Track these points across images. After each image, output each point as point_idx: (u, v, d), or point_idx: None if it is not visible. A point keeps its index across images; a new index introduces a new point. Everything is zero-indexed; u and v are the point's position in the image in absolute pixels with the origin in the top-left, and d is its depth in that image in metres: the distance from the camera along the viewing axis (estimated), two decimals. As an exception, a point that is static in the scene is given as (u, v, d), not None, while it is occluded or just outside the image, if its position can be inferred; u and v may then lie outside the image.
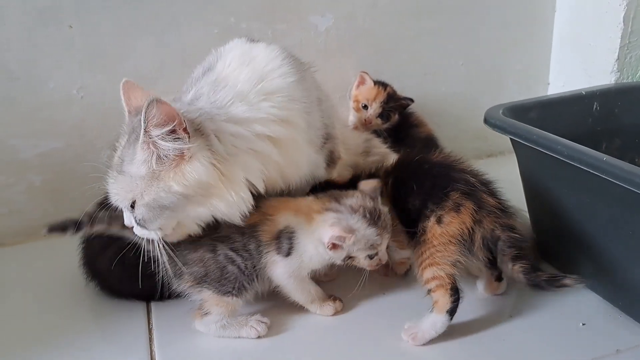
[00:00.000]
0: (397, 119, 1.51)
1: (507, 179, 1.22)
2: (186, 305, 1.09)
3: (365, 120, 1.48)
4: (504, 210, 0.99)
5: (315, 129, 1.06)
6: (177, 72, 1.36)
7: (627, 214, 0.93)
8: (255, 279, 1.01)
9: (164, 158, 0.88)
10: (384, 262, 1.02)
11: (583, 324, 1.00)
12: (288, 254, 0.99)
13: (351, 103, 1.52)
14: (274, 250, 0.99)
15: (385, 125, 1.50)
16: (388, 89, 1.50)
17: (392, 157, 1.34)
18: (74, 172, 1.39)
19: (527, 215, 1.20)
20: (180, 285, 1.02)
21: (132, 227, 0.96)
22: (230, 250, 0.99)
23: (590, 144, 1.02)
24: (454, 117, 1.69)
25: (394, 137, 1.48)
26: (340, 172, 1.21)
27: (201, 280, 1.00)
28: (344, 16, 1.51)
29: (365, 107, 1.48)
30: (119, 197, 0.93)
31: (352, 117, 1.53)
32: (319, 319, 1.06)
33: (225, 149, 0.92)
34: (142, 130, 0.86)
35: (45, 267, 1.28)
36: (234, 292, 1.00)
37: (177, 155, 0.88)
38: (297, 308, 1.07)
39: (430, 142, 1.54)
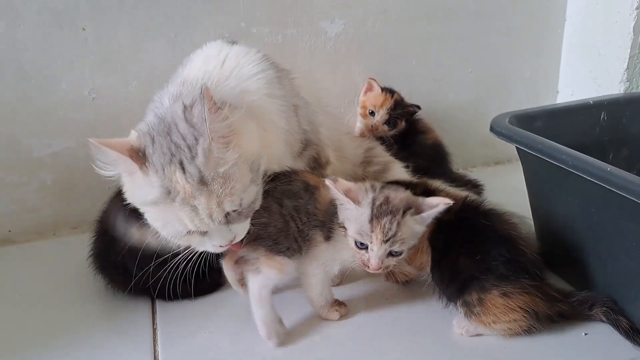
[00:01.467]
0: (404, 126, 1.52)
1: (514, 186, 1.24)
2: (191, 306, 1.12)
3: (372, 126, 1.49)
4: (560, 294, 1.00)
5: (293, 132, 1.06)
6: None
7: (631, 225, 0.93)
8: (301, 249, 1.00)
9: (228, 139, 0.86)
10: (369, 268, 0.94)
11: (585, 334, 0.99)
12: (328, 238, 0.98)
13: (358, 109, 1.53)
14: (319, 227, 0.98)
15: (392, 132, 1.50)
16: (395, 95, 1.50)
17: (395, 166, 1.35)
18: (85, 172, 1.40)
19: (532, 223, 1.20)
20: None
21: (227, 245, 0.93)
22: (293, 209, 0.98)
23: (598, 153, 1.02)
24: (462, 124, 1.69)
25: (400, 143, 1.49)
26: None
27: (260, 233, 0.98)
28: (353, 22, 1.52)
29: (372, 113, 1.49)
30: (232, 205, 0.88)
31: (359, 124, 1.54)
32: (322, 323, 1.06)
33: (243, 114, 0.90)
34: (207, 125, 0.83)
35: (54, 265, 1.30)
36: (287, 252, 0.98)
37: (232, 132, 0.86)
38: (301, 313, 1.08)
39: (438, 149, 1.55)
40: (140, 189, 0.87)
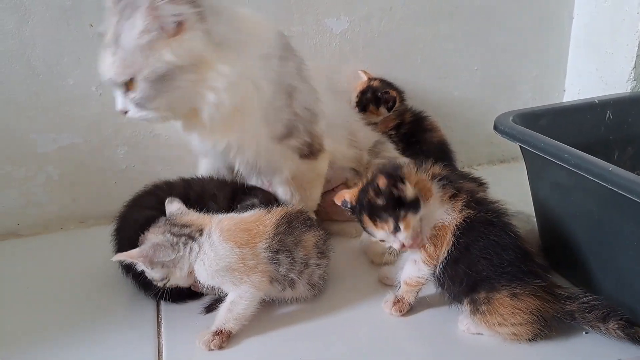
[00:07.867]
0: (386, 114, 1.51)
1: (518, 184, 1.24)
2: (195, 304, 1.12)
3: None
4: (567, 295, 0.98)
5: (278, 109, 1.07)
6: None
7: (632, 225, 0.93)
8: None
9: (165, 26, 0.88)
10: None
11: (586, 332, 0.99)
12: None
13: None
14: None
15: (376, 120, 1.51)
16: (372, 82, 1.51)
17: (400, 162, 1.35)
18: (90, 167, 1.43)
19: (535, 221, 1.20)
20: None
21: (126, 112, 0.96)
22: None
23: (603, 152, 1.02)
24: (467, 122, 1.69)
25: (405, 141, 1.49)
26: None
27: None
28: (359, 19, 1.52)
29: None
30: (116, 74, 0.92)
31: None
32: (324, 322, 1.07)
33: (219, 34, 0.92)
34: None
35: (60, 259, 1.31)
36: None
37: (177, 24, 0.88)
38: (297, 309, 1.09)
39: (443, 148, 1.55)
40: None
